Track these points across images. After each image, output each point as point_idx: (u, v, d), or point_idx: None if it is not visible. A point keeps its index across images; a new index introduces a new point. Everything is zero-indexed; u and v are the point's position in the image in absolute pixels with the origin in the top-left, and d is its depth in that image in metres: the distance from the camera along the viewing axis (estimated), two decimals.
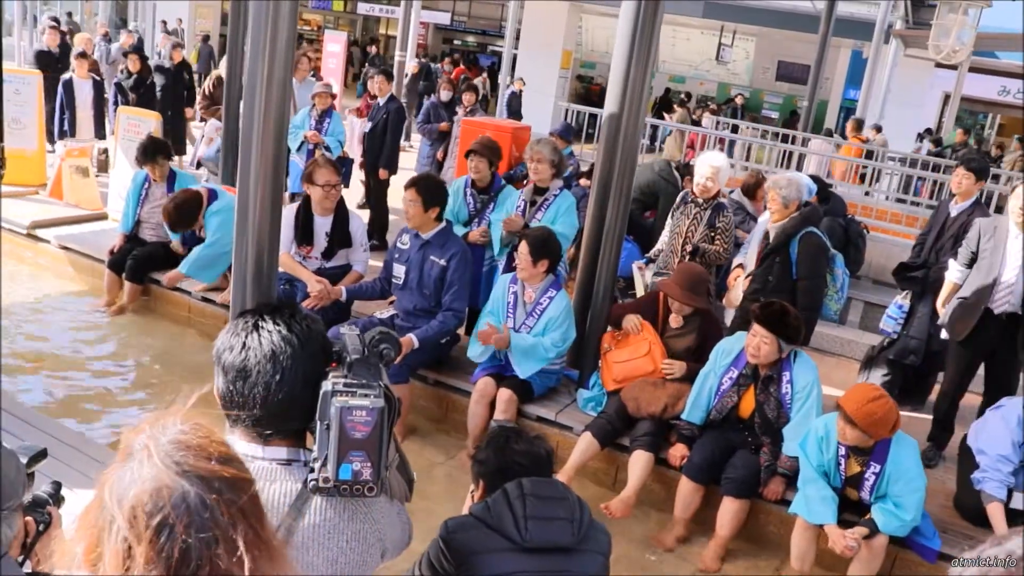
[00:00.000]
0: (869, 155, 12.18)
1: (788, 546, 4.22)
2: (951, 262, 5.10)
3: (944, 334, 5.02)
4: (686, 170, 8.04)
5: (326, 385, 1.59)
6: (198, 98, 7.69)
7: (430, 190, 4.82)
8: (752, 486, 4.18)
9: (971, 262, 4.88)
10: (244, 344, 1.63)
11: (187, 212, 5.63)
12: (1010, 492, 3.98)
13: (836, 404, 3.82)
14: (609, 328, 4.93)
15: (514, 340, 4.65)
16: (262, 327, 1.64)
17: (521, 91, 15.44)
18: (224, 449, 1.11)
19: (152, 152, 6.18)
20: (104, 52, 13.59)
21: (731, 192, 7.51)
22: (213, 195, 5.79)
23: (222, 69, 8.06)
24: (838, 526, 3.78)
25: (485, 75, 22.40)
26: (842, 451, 3.88)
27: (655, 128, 15.67)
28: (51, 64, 10.01)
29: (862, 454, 3.83)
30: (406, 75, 14.35)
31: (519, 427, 2.80)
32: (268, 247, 2.67)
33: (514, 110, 14.81)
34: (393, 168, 8.27)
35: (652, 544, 4.23)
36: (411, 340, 4.63)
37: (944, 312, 4.96)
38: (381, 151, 8.18)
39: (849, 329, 7.55)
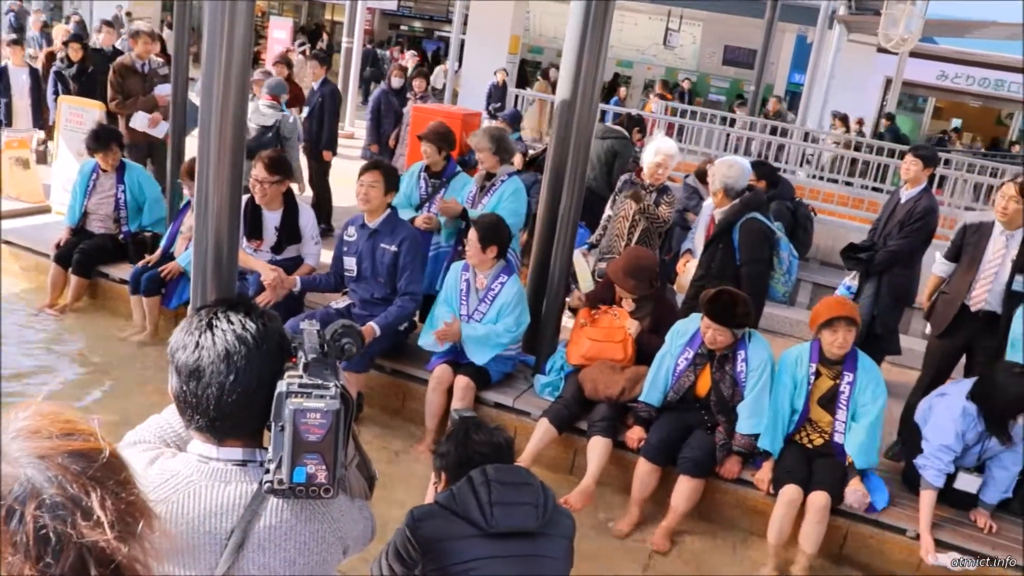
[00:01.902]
0: (774, 131, 12.48)
1: (745, 524, 4.33)
2: (936, 255, 5.18)
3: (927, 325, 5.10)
4: (631, 122, 8.28)
5: (281, 386, 1.55)
6: (110, 92, 7.25)
7: (391, 174, 4.83)
8: (708, 465, 4.25)
9: (955, 256, 4.97)
10: (197, 343, 1.58)
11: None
12: (953, 476, 4.10)
13: (820, 324, 4.16)
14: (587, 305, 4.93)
15: (465, 331, 4.66)
16: (216, 325, 1.60)
17: (504, 83, 15.27)
18: (67, 425, 1.07)
19: (105, 140, 5.96)
20: (39, 41, 13.18)
21: (686, 177, 7.61)
22: None
23: (129, 56, 7.57)
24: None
25: (419, 58, 22.12)
26: (812, 368, 4.17)
27: (603, 112, 15.72)
28: None
29: (834, 365, 4.13)
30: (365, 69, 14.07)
31: (478, 418, 2.81)
32: (227, 241, 2.62)
33: (496, 101, 14.63)
34: (333, 149, 8.34)
35: (609, 528, 4.27)
36: (372, 328, 4.61)
37: (927, 305, 5.07)
38: (320, 134, 8.25)
39: (799, 310, 7.69)
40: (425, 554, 2.34)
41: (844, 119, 14.90)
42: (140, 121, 7.35)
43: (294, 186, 5.89)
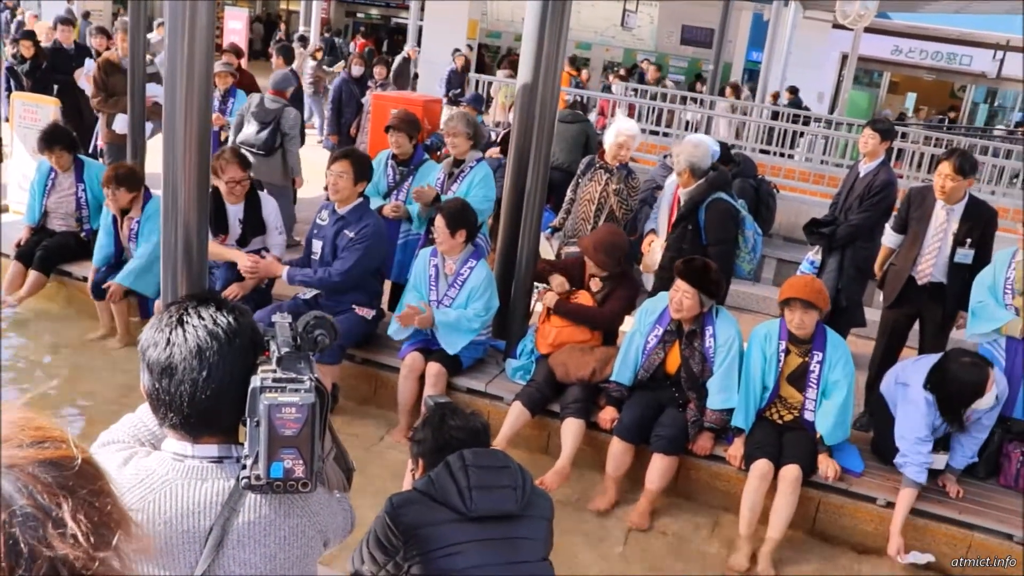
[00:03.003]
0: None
1: (719, 501, 4.38)
2: (886, 227, 5.27)
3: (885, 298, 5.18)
4: (583, 109, 8.45)
5: (255, 381, 1.54)
6: (90, 89, 7.05)
7: (361, 164, 4.80)
8: (681, 443, 4.29)
9: (902, 227, 5.06)
10: (168, 340, 1.56)
11: (133, 178, 5.38)
12: None
13: (779, 301, 4.21)
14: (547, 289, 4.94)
15: (437, 317, 4.64)
16: (187, 321, 1.57)
17: (463, 67, 15.15)
18: (38, 433, 1.05)
19: (50, 141, 5.81)
20: None
21: (664, 156, 7.65)
22: (148, 195, 5.49)
23: (113, 52, 7.39)
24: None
25: (370, 43, 21.93)
26: (782, 346, 4.18)
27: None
28: None
29: (803, 343, 4.15)
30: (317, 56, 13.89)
31: (454, 403, 2.81)
32: (197, 235, 2.59)
33: (455, 87, 14.54)
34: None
35: (585, 507, 4.30)
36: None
37: (879, 276, 5.15)
38: None
39: (764, 286, 7.78)
40: (406, 541, 2.34)
41: (735, 87, 15.27)
42: (121, 124, 7.12)
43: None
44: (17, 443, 1.02)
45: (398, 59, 14.41)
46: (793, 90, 15.09)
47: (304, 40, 14.62)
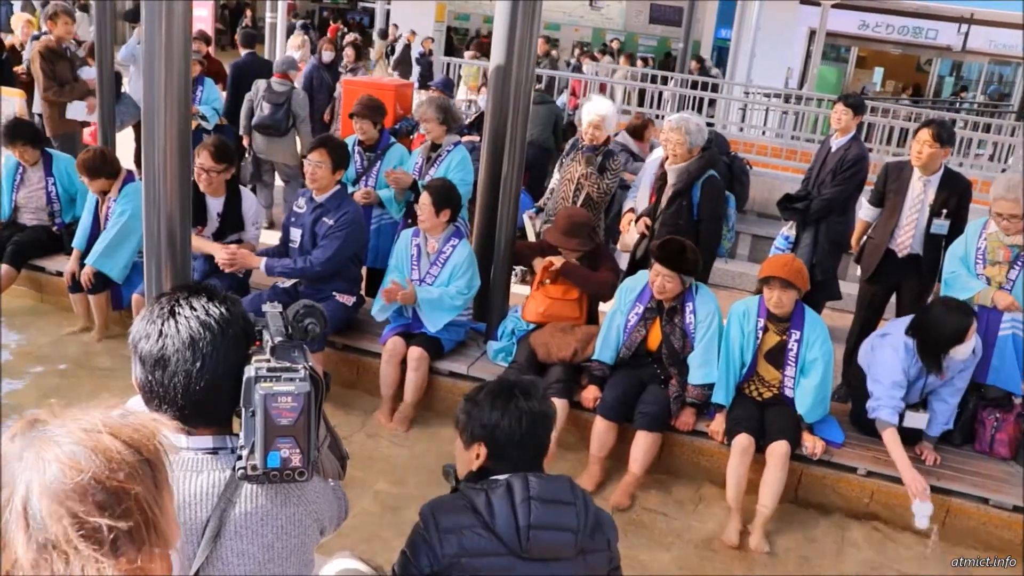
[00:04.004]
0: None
1: (703, 476, 4.43)
2: (862, 200, 5.32)
3: (864, 271, 5.23)
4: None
5: (249, 371, 1.54)
6: (42, 80, 6.84)
7: (338, 151, 4.77)
8: (664, 419, 4.33)
9: (879, 201, 5.12)
10: (161, 332, 1.55)
11: (104, 163, 5.30)
12: (901, 416, 4.23)
13: (759, 279, 4.21)
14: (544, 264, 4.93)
15: (420, 294, 4.65)
16: (179, 312, 1.56)
17: (431, 51, 15.05)
18: (136, 435, 1.09)
19: (12, 136, 5.68)
20: None
21: (616, 135, 7.66)
22: (130, 177, 5.40)
23: (48, 38, 7.12)
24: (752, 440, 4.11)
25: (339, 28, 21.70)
26: (760, 324, 4.21)
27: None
28: None
29: (781, 322, 4.18)
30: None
31: (517, 379, 2.42)
32: (180, 227, 2.57)
33: (425, 70, 14.44)
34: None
35: None
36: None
37: (856, 250, 5.21)
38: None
39: (739, 263, 7.84)
40: (445, 564, 2.07)
41: (700, 60, 15.86)
42: (77, 111, 6.98)
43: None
44: (116, 435, 1.04)
45: (399, 46, 14.32)
46: (699, 59, 15.63)
47: (307, 28, 14.39)
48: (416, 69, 13.89)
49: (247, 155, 7.67)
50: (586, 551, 2.15)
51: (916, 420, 4.26)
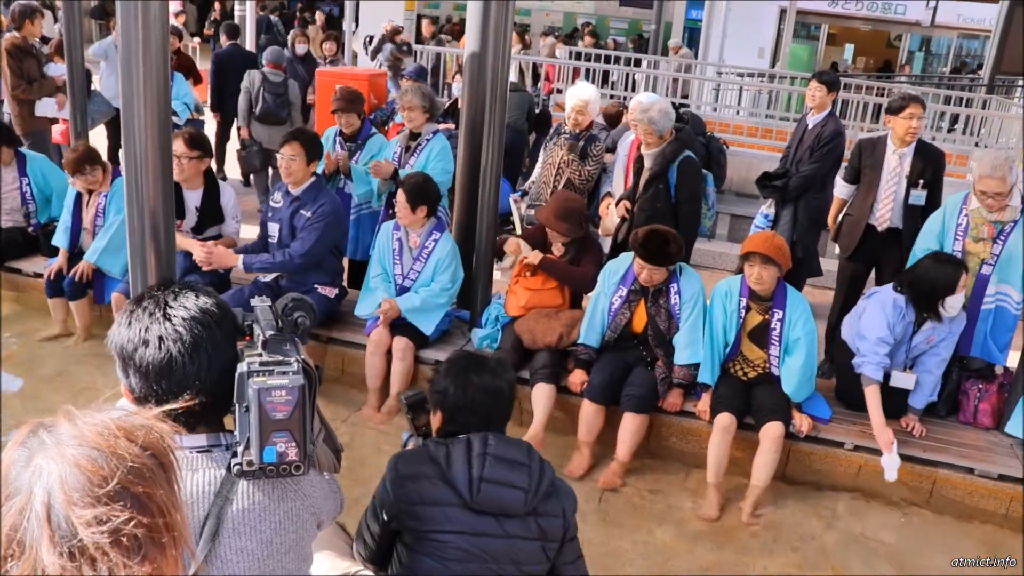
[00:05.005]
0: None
1: (691, 456, 4.45)
2: (837, 179, 5.35)
3: (840, 247, 5.28)
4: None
5: (242, 366, 1.52)
6: (9, 78, 6.69)
7: (311, 143, 4.74)
8: (651, 401, 4.34)
9: (854, 177, 5.15)
10: (161, 337, 1.51)
11: (89, 155, 5.21)
12: (887, 376, 4.27)
13: (739, 256, 4.23)
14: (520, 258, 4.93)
15: (403, 306, 4.65)
16: (172, 315, 1.53)
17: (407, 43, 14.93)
18: (152, 439, 1.07)
19: None
20: None
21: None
22: (116, 172, 5.26)
23: (13, 35, 6.97)
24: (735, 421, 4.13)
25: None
26: (743, 303, 4.22)
27: None
28: None
29: (764, 301, 4.19)
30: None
31: (480, 354, 2.65)
32: (164, 222, 2.53)
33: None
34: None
35: (561, 473, 4.32)
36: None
37: (833, 228, 5.24)
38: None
39: (719, 242, 7.88)
40: (404, 512, 2.25)
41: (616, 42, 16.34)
42: (47, 108, 6.88)
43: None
44: (131, 438, 1.03)
45: (376, 37, 14.16)
46: (593, 34, 16.41)
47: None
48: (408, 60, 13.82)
49: (252, 146, 7.89)
50: (538, 513, 2.30)
51: (903, 380, 4.32)
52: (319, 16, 15.77)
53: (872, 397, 4.17)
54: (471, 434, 2.33)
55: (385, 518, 2.29)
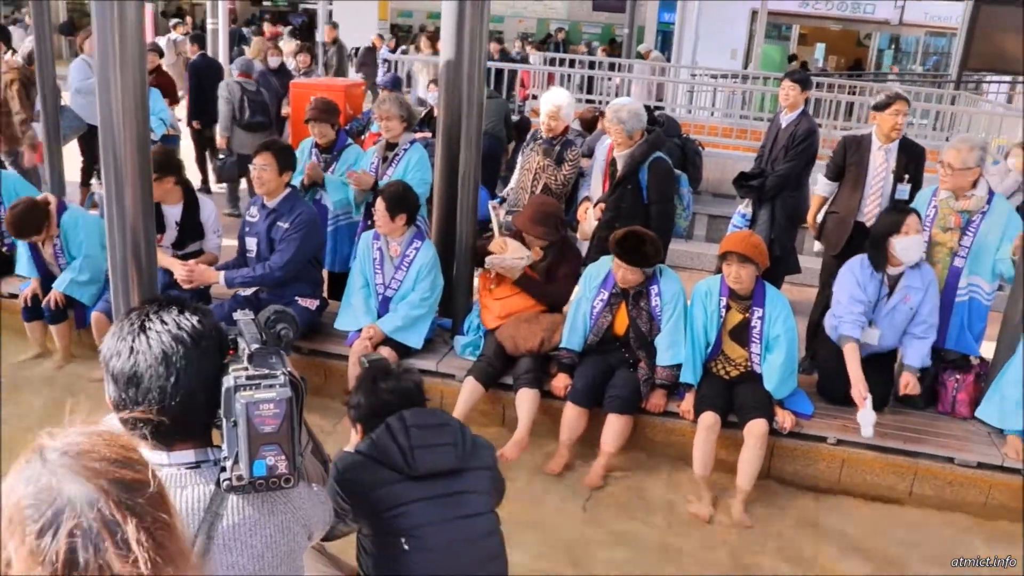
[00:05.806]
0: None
1: (675, 454, 4.48)
2: (819, 176, 5.41)
3: (819, 245, 5.37)
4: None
5: (228, 380, 1.51)
6: (18, 107, 6.61)
7: (283, 153, 4.75)
8: (634, 402, 4.36)
9: (837, 175, 5.21)
10: (132, 348, 1.52)
11: (31, 220, 4.95)
12: (867, 361, 4.31)
13: (718, 256, 4.29)
14: (482, 271, 4.95)
15: (386, 328, 4.66)
16: (149, 328, 1.53)
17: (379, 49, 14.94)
18: (124, 452, 1.08)
19: None
20: None
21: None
22: (62, 206, 5.15)
23: None
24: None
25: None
26: (723, 302, 4.27)
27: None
28: None
29: (743, 300, 4.24)
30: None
31: (385, 361, 2.82)
32: (145, 240, 2.52)
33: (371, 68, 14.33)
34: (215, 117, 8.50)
35: (541, 473, 4.35)
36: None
37: (816, 226, 5.29)
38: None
39: (696, 243, 7.93)
40: (354, 503, 2.40)
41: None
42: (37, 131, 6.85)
43: None
44: (98, 456, 1.03)
45: (362, 49, 14.17)
46: (500, 41, 16.29)
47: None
48: (381, 70, 13.79)
49: (229, 156, 8.00)
50: (468, 468, 2.51)
51: (870, 336, 4.39)
52: (267, 28, 15.86)
53: (850, 354, 4.24)
54: (387, 419, 2.50)
55: (339, 510, 2.39)
